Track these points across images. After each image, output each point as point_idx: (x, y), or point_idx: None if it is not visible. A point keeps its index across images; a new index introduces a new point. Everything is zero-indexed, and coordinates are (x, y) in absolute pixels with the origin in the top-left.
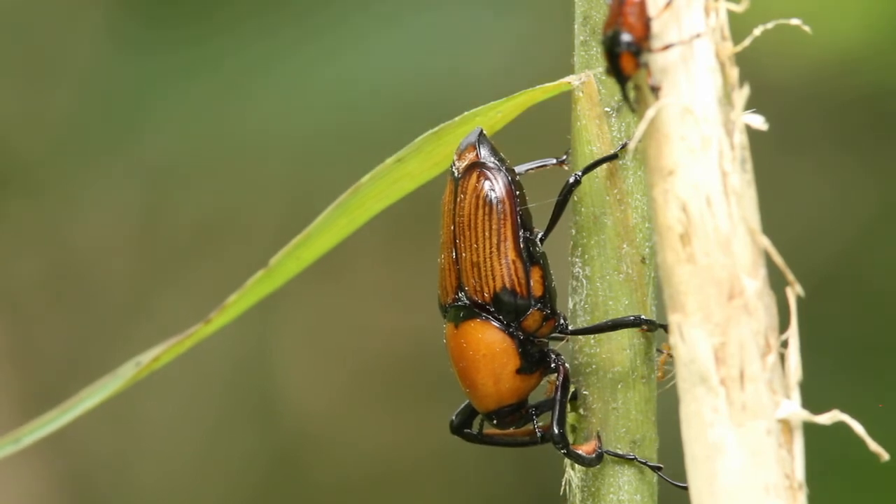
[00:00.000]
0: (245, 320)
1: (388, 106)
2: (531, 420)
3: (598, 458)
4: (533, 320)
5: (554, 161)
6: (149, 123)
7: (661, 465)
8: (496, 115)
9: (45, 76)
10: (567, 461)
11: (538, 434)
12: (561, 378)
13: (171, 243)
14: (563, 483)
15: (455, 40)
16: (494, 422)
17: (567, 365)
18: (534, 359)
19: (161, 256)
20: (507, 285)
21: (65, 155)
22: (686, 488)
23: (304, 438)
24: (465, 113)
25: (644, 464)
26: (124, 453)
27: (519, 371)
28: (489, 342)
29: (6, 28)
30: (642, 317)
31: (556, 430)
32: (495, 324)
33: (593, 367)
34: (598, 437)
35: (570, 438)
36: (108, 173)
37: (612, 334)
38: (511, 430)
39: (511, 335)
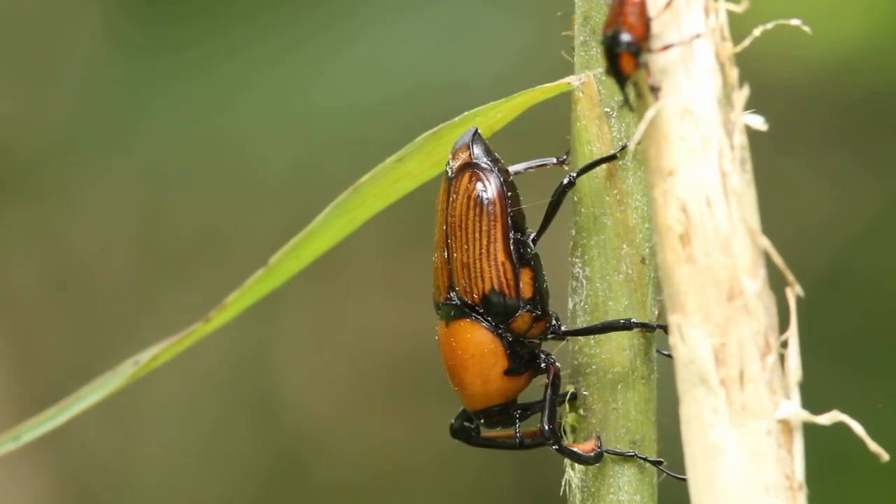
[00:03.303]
0: (245, 320)
1: (387, 106)
2: (515, 421)
3: (598, 457)
4: (522, 322)
5: (554, 161)
6: (149, 124)
7: (662, 460)
8: (496, 115)
9: (44, 77)
10: (567, 461)
11: (518, 437)
12: (551, 377)
13: (172, 243)
14: (563, 483)
15: (454, 41)
16: (482, 421)
17: (558, 364)
18: (523, 360)
19: (161, 257)
20: (496, 287)
21: (65, 156)
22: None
23: (304, 439)
24: (465, 113)
25: (645, 459)
26: (124, 454)
27: (507, 372)
28: (477, 343)
29: (5, 28)
30: (633, 320)
31: (546, 427)
32: (484, 325)
33: (593, 367)
34: (598, 438)
35: (570, 439)
36: (108, 174)
37: (612, 335)
38: (505, 430)
39: (500, 336)
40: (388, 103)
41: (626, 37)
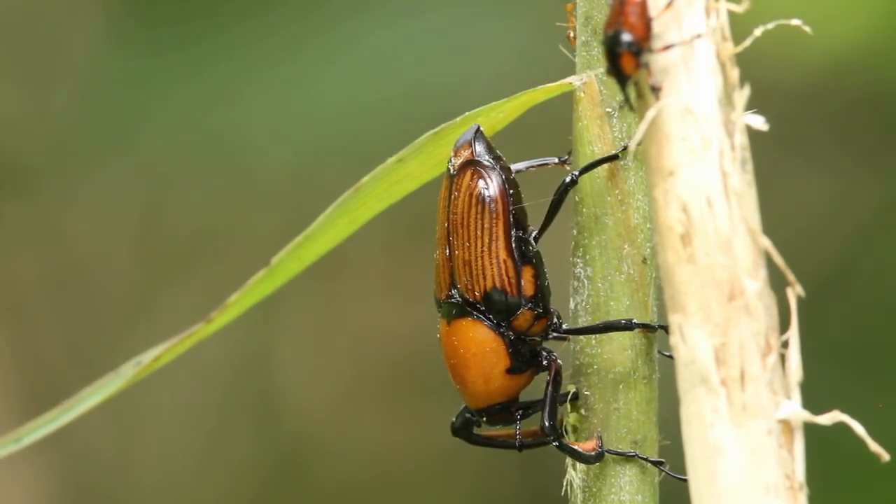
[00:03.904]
0: (247, 321)
1: (388, 106)
2: (524, 417)
3: (598, 456)
4: (524, 319)
5: (556, 160)
6: (149, 123)
7: (663, 461)
8: (497, 115)
9: (45, 76)
10: (568, 461)
11: (517, 440)
12: (552, 373)
13: (172, 243)
14: (565, 483)
15: (455, 41)
16: (484, 419)
17: (559, 361)
18: (525, 358)
19: (162, 256)
20: (498, 284)
21: (65, 154)
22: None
23: (305, 440)
24: (466, 113)
25: (645, 459)
26: (125, 454)
27: (509, 371)
28: (479, 341)
29: (6, 27)
30: (634, 321)
31: (547, 423)
32: (486, 323)
33: (595, 367)
34: (599, 438)
35: (572, 439)
36: (109, 173)
37: (614, 335)
38: (506, 429)
39: (501, 335)
40: (389, 103)
41: (627, 37)
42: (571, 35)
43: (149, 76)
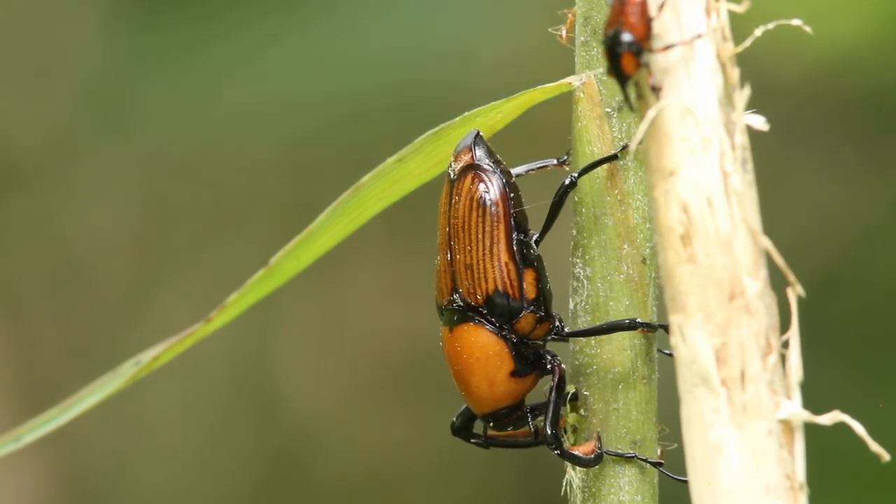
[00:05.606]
0: (246, 320)
1: (389, 100)
2: (527, 421)
3: (597, 458)
4: (526, 323)
5: (555, 161)
6: (147, 116)
7: (662, 461)
8: (497, 115)
9: (43, 69)
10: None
11: (532, 429)
12: (556, 379)
13: (172, 240)
14: (564, 483)
15: (455, 39)
16: (491, 424)
17: (563, 366)
18: (528, 361)
19: (162, 254)
20: (500, 288)
21: (64, 150)
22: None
23: (305, 439)
24: (466, 113)
25: (644, 460)
26: (124, 453)
27: (513, 374)
28: (482, 345)
29: (3, 19)
30: (638, 320)
31: (549, 431)
32: (488, 327)
33: (594, 367)
34: (598, 438)
35: (571, 439)
36: (108, 169)
37: (613, 335)
38: (509, 431)
39: (504, 338)
40: (391, 98)
41: (627, 37)
42: (565, 33)
43: (147, 69)
